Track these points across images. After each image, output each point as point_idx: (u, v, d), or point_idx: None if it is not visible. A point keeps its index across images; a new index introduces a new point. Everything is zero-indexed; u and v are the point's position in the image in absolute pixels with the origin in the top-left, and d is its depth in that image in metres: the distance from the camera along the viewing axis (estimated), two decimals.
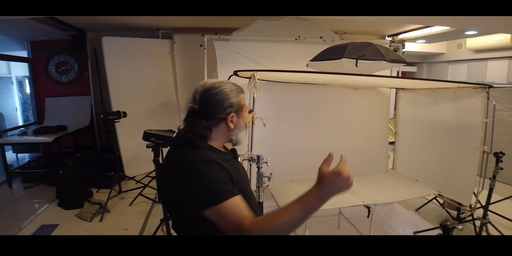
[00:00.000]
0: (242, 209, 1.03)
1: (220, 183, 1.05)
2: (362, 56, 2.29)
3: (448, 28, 4.57)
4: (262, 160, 1.96)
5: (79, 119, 5.34)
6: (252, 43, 3.30)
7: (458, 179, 2.85)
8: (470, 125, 2.71)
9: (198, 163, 1.08)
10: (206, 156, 1.11)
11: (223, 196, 1.02)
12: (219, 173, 1.08)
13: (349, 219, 3.13)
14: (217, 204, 1.01)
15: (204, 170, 1.07)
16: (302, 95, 3.14)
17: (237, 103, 1.21)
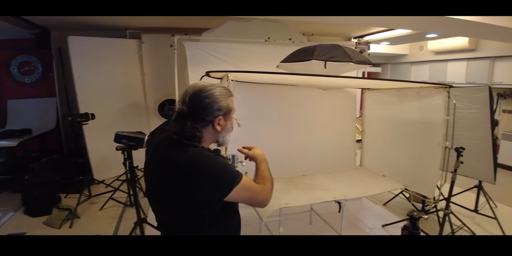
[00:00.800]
0: (252, 181, 1.28)
1: (232, 167, 1.23)
2: (330, 58, 2.38)
3: (410, 31, 4.81)
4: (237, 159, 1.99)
5: (44, 122, 5.12)
6: (223, 44, 3.32)
7: (422, 173, 3.01)
8: (433, 122, 2.87)
9: (211, 158, 1.17)
10: (209, 152, 1.21)
11: (240, 175, 1.20)
12: (226, 163, 1.22)
13: (321, 215, 3.22)
14: (239, 181, 1.18)
15: (219, 161, 1.19)
16: (274, 96, 3.20)
17: (226, 106, 1.25)
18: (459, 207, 3.72)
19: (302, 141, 3.31)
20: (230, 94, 1.29)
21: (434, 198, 3.14)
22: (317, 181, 2.98)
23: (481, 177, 3.37)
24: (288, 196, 2.57)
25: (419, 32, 4.84)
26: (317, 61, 2.37)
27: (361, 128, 3.83)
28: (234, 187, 1.16)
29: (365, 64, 2.55)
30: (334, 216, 2.59)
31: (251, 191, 1.23)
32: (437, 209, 3.41)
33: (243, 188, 1.19)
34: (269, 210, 2.34)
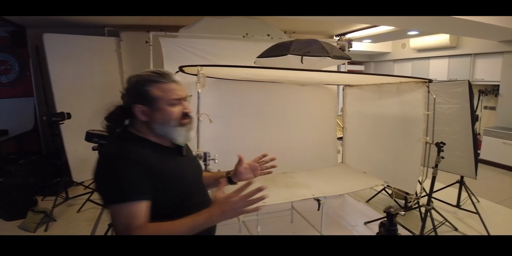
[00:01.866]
0: (137, 213, 1.01)
1: (125, 183, 1.02)
2: (307, 53, 2.33)
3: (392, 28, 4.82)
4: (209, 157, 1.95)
5: (22, 123, 4.97)
6: (200, 40, 3.26)
7: (403, 169, 2.99)
8: (413, 118, 2.86)
9: (114, 159, 1.06)
10: (122, 152, 1.08)
11: (121, 199, 1.01)
12: (130, 171, 1.04)
13: (302, 213, 3.19)
14: (116, 203, 1.00)
15: (114, 167, 1.04)
16: (253, 93, 3.16)
17: (140, 93, 1.13)
18: (442, 203, 3.73)
19: (282, 138, 3.27)
20: (159, 79, 1.14)
21: (416, 194, 3.13)
22: (297, 179, 2.94)
23: (462, 172, 3.38)
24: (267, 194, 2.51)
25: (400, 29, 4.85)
26: (293, 56, 2.33)
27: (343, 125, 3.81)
28: (114, 204, 1.01)
29: (343, 59, 2.51)
30: (315, 214, 2.55)
31: (120, 224, 1.00)
32: (419, 205, 3.40)
33: (119, 213, 1.00)
34: None
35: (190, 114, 1.20)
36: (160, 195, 1.08)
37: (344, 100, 3.68)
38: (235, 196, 1.01)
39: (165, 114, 1.14)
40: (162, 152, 1.17)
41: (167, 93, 1.13)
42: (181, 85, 1.19)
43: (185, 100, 1.20)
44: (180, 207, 1.13)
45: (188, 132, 1.19)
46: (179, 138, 1.17)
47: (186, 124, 1.18)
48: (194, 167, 1.33)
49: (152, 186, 1.06)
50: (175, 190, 1.13)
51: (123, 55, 4.75)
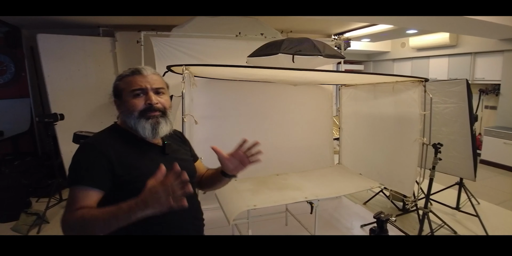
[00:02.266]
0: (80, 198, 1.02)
1: (81, 169, 1.07)
2: (298, 51, 2.28)
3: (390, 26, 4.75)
4: None
5: (17, 124, 4.94)
6: (192, 39, 3.22)
7: (400, 171, 2.93)
8: (409, 118, 2.79)
9: (81, 145, 1.12)
10: (92, 139, 1.15)
11: (74, 182, 1.05)
12: (89, 159, 1.08)
13: (296, 216, 3.13)
14: (69, 185, 1.06)
15: (78, 152, 1.10)
16: (245, 93, 3.10)
17: (114, 88, 1.21)
18: (441, 205, 3.66)
19: (275, 139, 3.20)
20: (126, 73, 1.19)
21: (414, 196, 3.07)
22: (290, 181, 2.88)
23: (461, 174, 3.30)
24: (258, 197, 2.46)
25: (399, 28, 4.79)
26: (284, 55, 2.28)
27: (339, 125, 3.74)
28: (69, 187, 1.06)
29: (335, 58, 2.46)
30: (311, 216, 2.49)
31: (67, 204, 1.03)
32: (417, 207, 3.33)
33: (70, 195, 1.04)
34: (235, 211, 2.23)
35: (158, 107, 1.17)
36: (127, 189, 1.06)
37: (340, 100, 3.62)
38: (159, 185, 0.88)
39: (127, 105, 1.16)
40: (140, 147, 1.18)
41: (128, 84, 1.16)
42: (150, 77, 1.18)
43: (160, 92, 1.20)
44: None
45: (155, 126, 1.16)
46: (143, 130, 1.15)
47: (152, 117, 1.16)
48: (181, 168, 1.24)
49: (114, 178, 1.07)
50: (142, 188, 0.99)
51: (118, 55, 4.70)
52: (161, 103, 1.18)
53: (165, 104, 1.20)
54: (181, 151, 1.34)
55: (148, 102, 1.15)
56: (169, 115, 1.22)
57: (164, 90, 1.22)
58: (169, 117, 1.21)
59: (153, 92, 1.17)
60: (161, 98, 1.19)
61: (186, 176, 0.87)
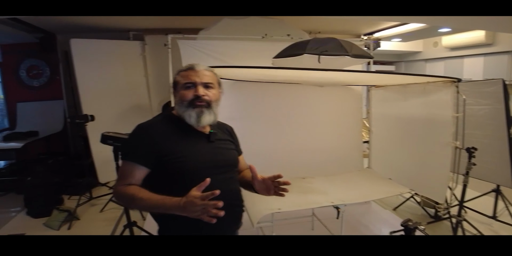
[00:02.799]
0: (131, 175, 1.24)
1: (133, 147, 1.29)
2: (324, 51, 2.22)
3: (422, 25, 4.58)
4: None
5: (51, 124, 5.17)
6: (217, 41, 3.23)
7: (431, 176, 2.80)
8: (441, 120, 2.67)
9: (135, 127, 1.32)
10: (146, 123, 1.33)
11: (133, 158, 1.26)
12: (139, 139, 1.28)
13: (323, 220, 3.05)
14: (126, 160, 1.27)
15: (132, 133, 1.32)
16: (270, 95, 3.07)
17: (174, 79, 1.39)
18: (476, 213, 3.45)
19: (300, 141, 3.14)
20: (183, 69, 1.37)
21: (446, 203, 2.92)
22: (316, 184, 2.81)
23: (497, 181, 3.12)
24: (282, 200, 2.39)
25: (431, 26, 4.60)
26: (309, 55, 2.22)
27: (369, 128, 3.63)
28: (122, 160, 1.29)
29: (363, 58, 2.38)
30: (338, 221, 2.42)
31: (119, 175, 1.28)
32: (450, 215, 3.17)
33: (121, 167, 1.28)
34: (259, 214, 2.20)
35: (204, 98, 1.31)
36: (170, 167, 1.24)
37: (370, 101, 3.51)
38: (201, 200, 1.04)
39: (179, 96, 1.34)
40: (188, 133, 1.33)
41: (183, 78, 1.34)
42: (201, 72, 1.34)
43: (209, 87, 1.34)
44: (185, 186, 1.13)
45: (200, 115, 1.30)
46: (189, 118, 1.31)
47: (198, 106, 1.30)
48: (222, 155, 1.38)
49: (159, 157, 1.24)
50: (185, 169, 1.25)
51: (148, 58, 4.82)
52: (208, 95, 1.33)
53: (211, 97, 1.34)
54: (226, 142, 1.46)
55: (196, 93, 1.30)
56: (214, 107, 1.35)
57: (213, 85, 1.36)
58: (213, 109, 1.34)
59: (202, 85, 1.32)
60: (209, 91, 1.34)
61: (220, 203, 1.03)
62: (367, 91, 3.58)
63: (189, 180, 1.18)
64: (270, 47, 3.21)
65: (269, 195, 1.35)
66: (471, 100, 2.98)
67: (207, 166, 1.29)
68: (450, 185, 2.82)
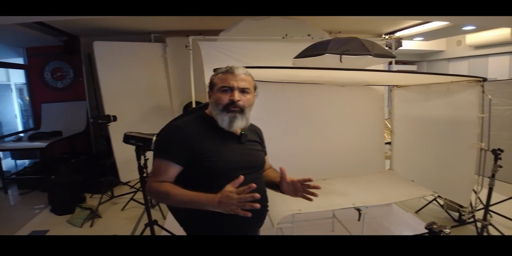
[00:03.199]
0: (164, 173, 1.28)
1: (167, 145, 1.31)
2: (346, 51, 2.20)
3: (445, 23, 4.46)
4: None
5: (74, 125, 5.32)
6: (238, 42, 3.25)
7: (455, 178, 2.73)
8: (465, 121, 2.60)
9: (170, 126, 1.38)
10: (179, 123, 1.37)
11: (166, 156, 1.28)
12: (174, 138, 1.31)
13: (344, 222, 3.01)
14: (160, 159, 1.30)
15: (166, 131, 1.38)
16: (291, 95, 3.05)
17: (211, 80, 1.39)
18: (502, 218, 3.33)
19: (321, 142, 3.11)
20: (222, 71, 1.35)
21: (471, 206, 2.83)
22: (337, 186, 2.78)
23: None
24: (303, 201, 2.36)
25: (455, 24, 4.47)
26: (331, 55, 2.21)
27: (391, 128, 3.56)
28: (155, 157, 1.32)
29: (385, 57, 2.34)
30: (359, 223, 2.38)
31: (153, 172, 1.31)
32: (475, 219, 3.07)
33: (155, 164, 1.31)
34: (280, 215, 2.19)
35: (239, 104, 1.32)
36: (201, 166, 1.28)
37: (392, 102, 3.45)
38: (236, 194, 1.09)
39: (215, 98, 1.34)
40: (222, 135, 1.35)
41: (220, 80, 1.33)
42: (240, 77, 1.33)
43: (241, 91, 1.33)
44: (215, 184, 1.20)
45: (232, 119, 1.32)
46: (221, 122, 1.33)
47: (232, 111, 1.31)
48: (251, 156, 1.42)
49: (192, 156, 1.28)
50: (216, 168, 1.28)
51: (169, 60, 4.88)
52: (243, 101, 1.33)
53: (246, 102, 1.34)
54: (255, 143, 1.49)
55: (231, 98, 1.31)
56: (247, 112, 1.36)
57: (249, 90, 1.36)
58: (246, 115, 1.36)
59: (238, 90, 1.32)
60: (244, 96, 1.34)
61: (257, 195, 1.07)
62: (389, 91, 3.52)
63: (219, 179, 1.23)
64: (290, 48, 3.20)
65: (296, 197, 1.37)
66: (496, 100, 2.90)
67: (237, 166, 1.32)
68: (475, 188, 2.74)
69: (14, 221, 3.70)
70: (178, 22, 4.29)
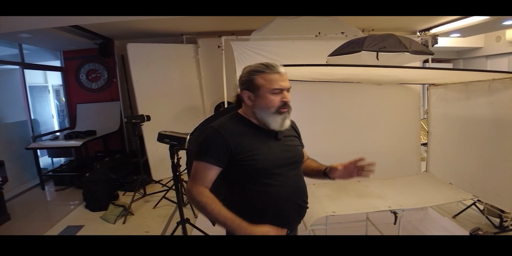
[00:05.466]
0: (204, 175, 1.30)
1: (206, 148, 1.30)
2: (382, 48, 2.14)
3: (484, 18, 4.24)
4: None
5: (108, 124, 5.49)
6: (270, 42, 3.23)
7: (497, 182, 2.57)
8: (509, 121, 2.44)
9: (209, 129, 1.36)
10: (217, 124, 1.36)
11: (206, 159, 1.29)
12: (214, 140, 1.30)
13: (377, 226, 2.92)
14: (201, 161, 1.31)
15: (206, 134, 1.35)
16: (324, 94, 3.00)
17: (247, 81, 1.32)
18: None
19: (355, 143, 3.03)
20: (264, 70, 1.30)
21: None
22: (372, 188, 2.70)
23: None
24: (337, 204, 2.36)
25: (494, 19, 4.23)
26: (367, 53, 2.15)
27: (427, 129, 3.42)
28: (195, 160, 1.32)
29: (423, 54, 2.26)
30: (393, 227, 2.31)
31: (193, 174, 1.33)
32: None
33: (195, 167, 1.33)
34: (313, 216, 2.16)
35: (288, 104, 1.32)
36: (242, 165, 1.30)
37: (429, 101, 3.31)
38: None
39: (266, 101, 1.30)
40: (259, 134, 1.35)
41: (269, 82, 1.28)
42: (284, 76, 1.31)
43: (287, 90, 1.32)
44: (258, 182, 1.31)
45: (283, 120, 1.32)
46: (274, 124, 1.32)
47: (283, 113, 1.31)
48: (290, 152, 1.41)
49: (231, 157, 1.29)
50: (258, 166, 1.29)
51: (201, 60, 4.94)
52: (289, 99, 1.33)
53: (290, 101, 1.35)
54: (292, 138, 1.47)
55: (284, 100, 1.30)
56: (291, 110, 1.36)
57: (290, 88, 1.35)
58: (290, 112, 1.36)
59: (286, 91, 1.32)
60: (288, 95, 1.34)
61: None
62: (425, 90, 3.38)
63: (261, 178, 1.30)
64: (323, 46, 3.16)
65: (351, 177, 1.43)
66: None
67: (278, 163, 1.34)
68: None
69: (51, 216, 3.88)
70: (209, 23, 4.34)
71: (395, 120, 3.19)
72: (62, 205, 4.24)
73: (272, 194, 1.33)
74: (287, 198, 1.35)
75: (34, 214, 3.90)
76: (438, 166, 3.26)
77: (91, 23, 4.07)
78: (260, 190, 1.32)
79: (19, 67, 4.78)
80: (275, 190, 1.33)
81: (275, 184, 1.33)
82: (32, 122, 4.95)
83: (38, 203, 4.31)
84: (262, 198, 1.32)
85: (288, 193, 1.36)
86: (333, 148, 3.03)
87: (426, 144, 3.43)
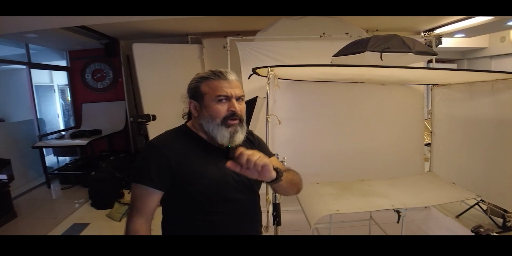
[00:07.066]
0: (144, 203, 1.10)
1: (145, 168, 1.11)
2: (386, 49, 2.16)
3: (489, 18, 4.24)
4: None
5: (113, 124, 5.53)
6: (275, 42, 3.26)
7: (500, 182, 2.59)
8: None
9: (146, 145, 1.20)
10: (157, 140, 1.17)
11: (137, 180, 1.11)
12: (152, 160, 1.11)
13: (381, 225, 2.94)
14: (131, 182, 1.13)
15: (142, 152, 1.19)
16: (329, 94, 3.03)
17: (194, 89, 1.17)
18: None
19: (359, 143, 3.06)
20: (209, 76, 1.14)
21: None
22: (376, 187, 2.72)
23: None
24: (341, 202, 2.37)
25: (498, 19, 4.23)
26: (371, 53, 2.17)
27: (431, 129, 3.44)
28: (132, 183, 1.13)
29: (427, 55, 2.27)
30: (396, 226, 2.32)
31: (131, 201, 1.13)
32: None
33: (133, 192, 1.13)
34: (317, 215, 2.18)
35: (238, 115, 1.14)
36: (186, 190, 1.11)
37: (432, 101, 3.33)
38: None
39: (209, 111, 1.13)
40: (205, 151, 1.17)
41: (213, 89, 1.12)
42: (234, 83, 1.14)
43: (238, 99, 1.15)
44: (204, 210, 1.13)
45: (233, 134, 1.12)
46: (221, 138, 1.13)
47: (231, 125, 1.12)
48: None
49: (173, 179, 1.10)
50: (204, 192, 1.11)
51: (206, 61, 4.96)
52: (241, 110, 1.15)
53: (243, 111, 1.17)
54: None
55: (232, 109, 1.12)
56: (244, 124, 1.18)
57: (244, 97, 1.19)
58: (244, 126, 1.17)
59: (235, 99, 1.14)
60: (240, 105, 1.16)
61: None
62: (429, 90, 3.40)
63: (208, 205, 1.12)
64: (328, 46, 3.19)
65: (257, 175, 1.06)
66: None
67: (230, 188, 1.15)
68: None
69: (57, 214, 3.91)
70: (215, 23, 4.37)
71: (399, 120, 3.21)
72: (68, 203, 4.29)
73: (221, 224, 1.14)
74: (238, 228, 1.18)
75: (40, 212, 3.94)
76: (441, 166, 3.28)
77: (97, 24, 4.10)
78: (207, 220, 1.13)
79: (25, 67, 4.83)
80: (224, 219, 1.15)
81: (225, 212, 1.15)
82: (38, 121, 5.00)
83: (44, 201, 4.35)
84: (209, 229, 1.14)
85: (239, 223, 1.18)
86: (338, 147, 3.07)
87: (430, 144, 3.45)
